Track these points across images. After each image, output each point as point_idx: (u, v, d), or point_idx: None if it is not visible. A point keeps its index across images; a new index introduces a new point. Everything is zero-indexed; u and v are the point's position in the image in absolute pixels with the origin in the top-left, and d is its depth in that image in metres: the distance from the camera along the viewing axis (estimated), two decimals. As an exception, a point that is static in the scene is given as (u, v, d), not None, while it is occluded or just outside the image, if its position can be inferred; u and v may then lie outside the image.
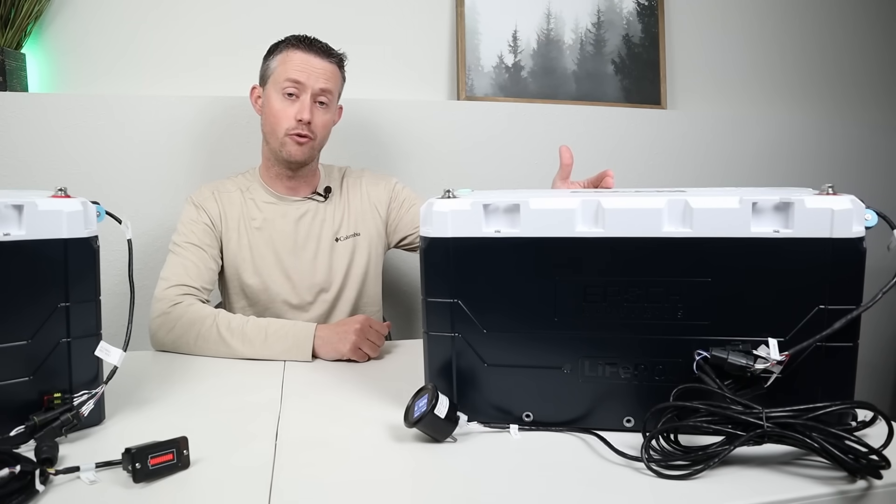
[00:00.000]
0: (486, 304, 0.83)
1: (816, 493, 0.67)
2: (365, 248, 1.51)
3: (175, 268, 1.34)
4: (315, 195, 1.49)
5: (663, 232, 0.78)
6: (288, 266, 1.45)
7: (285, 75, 1.36)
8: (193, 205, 1.43)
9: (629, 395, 0.82)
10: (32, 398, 0.80)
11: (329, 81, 1.38)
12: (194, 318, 1.24)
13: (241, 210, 1.44)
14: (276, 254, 1.44)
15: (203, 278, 1.36)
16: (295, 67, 1.36)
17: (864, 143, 2.35)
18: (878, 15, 2.43)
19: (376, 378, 1.08)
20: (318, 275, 1.46)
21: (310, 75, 1.36)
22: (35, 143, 1.65)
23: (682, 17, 2.20)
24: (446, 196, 0.85)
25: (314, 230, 1.47)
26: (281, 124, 1.37)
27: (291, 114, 1.36)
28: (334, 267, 1.48)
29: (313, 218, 1.47)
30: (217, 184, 1.48)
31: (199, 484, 0.71)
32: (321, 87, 1.37)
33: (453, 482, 0.72)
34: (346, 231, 1.49)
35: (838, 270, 0.75)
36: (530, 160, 2.00)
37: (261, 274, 1.43)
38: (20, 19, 1.63)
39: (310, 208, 1.47)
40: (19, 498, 0.65)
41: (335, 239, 1.48)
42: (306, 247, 1.46)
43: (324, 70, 1.38)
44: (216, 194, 1.45)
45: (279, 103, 1.37)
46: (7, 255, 0.78)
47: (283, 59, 1.37)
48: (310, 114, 1.36)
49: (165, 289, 1.30)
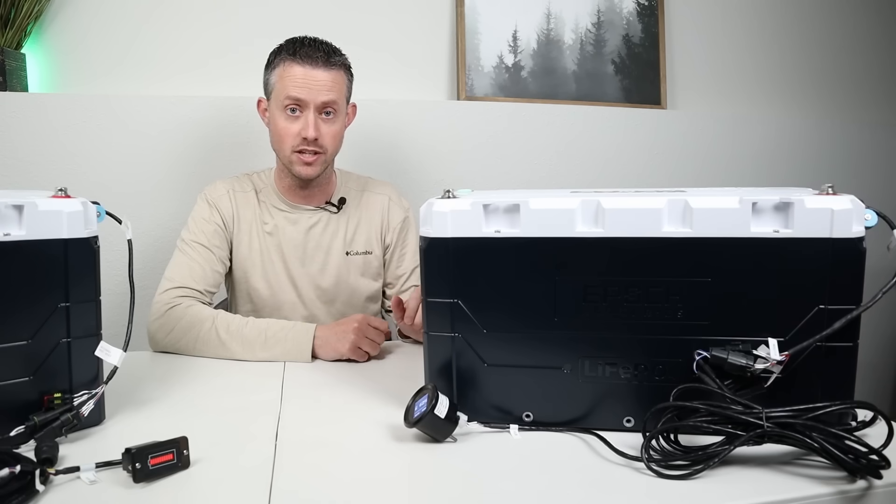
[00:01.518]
0: (486, 304, 0.83)
1: (816, 493, 0.67)
2: (375, 268, 1.47)
3: (179, 268, 1.32)
4: (328, 205, 1.43)
5: (663, 232, 0.78)
6: (295, 275, 1.42)
7: (285, 93, 1.29)
8: (207, 202, 1.39)
9: (629, 395, 0.82)
10: (32, 398, 0.80)
11: (332, 92, 1.30)
12: (193, 321, 1.22)
13: (255, 213, 1.41)
14: (285, 261, 1.41)
15: (207, 280, 1.33)
16: (295, 84, 1.28)
17: (864, 143, 2.35)
18: (879, 15, 2.43)
19: (376, 378, 1.08)
20: (325, 286, 1.43)
21: (311, 90, 1.28)
22: (35, 143, 1.65)
23: (682, 17, 2.20)
24: (446, 196, 0.85)
25: (324, 241, 1.43)
26: (286, 142, 1.32)
27: (296, 130, 1.30)
28: (342, 280, 1.44)
29: (324, 229, 1.43)
30: (233, 181, 1.44)
31: (199, 484, 0.71)
32: (324, 101, 1.29)
33: (453, 482, 0.72)
34: (358, 246, 1.45)
35: (838, 270, 0.75)
36: (530, 160, 2.00)
37: (268, 279, 1.41)
38: (20, 19, 1.63)
39: (321, 218, 1.43)
40: (19, 498, 0.65)
41: (346, 252, 1.44)
42: (315, 257, 1.42)
43: (325, 81, 1.29)
44: (231, 193, 1.41)
45: (283, 121, 1.31)
46: (7, 255, 0.78)
47: (282, 73, 1.30)
48: (315, 130, 1.29)
49: (165, 290, 1.29)
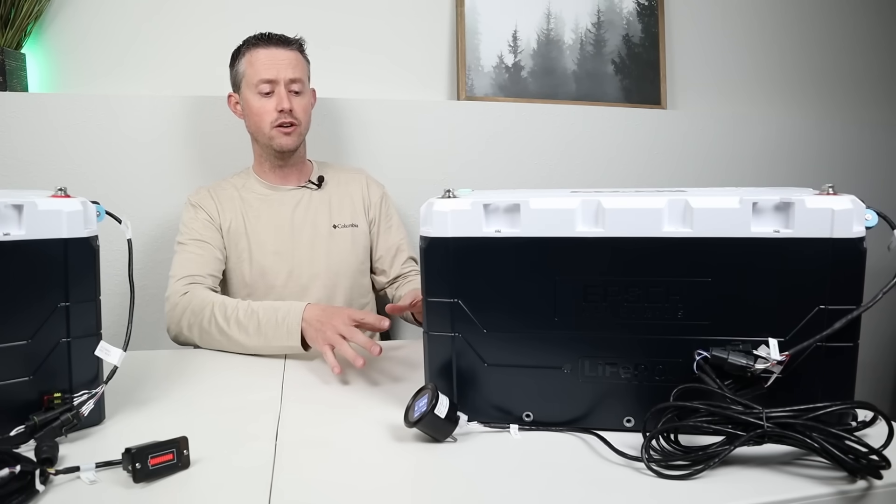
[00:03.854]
0: (486, 303, 0.83)
1: (816, 493, 0.67)
2: (363, 239, 1.56)
3: (181, 264, 1.39)
4: (309, 184, 1.55)
5: (663, 232, 0.78)
6: (285, 252, 1.49)
7: (257, 76, 1.43)
8: (191, 205, 1.49)
9: (629, 395, 0.82)
10: (32, 398, 0.80)
11: (297, 69, 1.45)
12: (197, 310, 1.26)
13: (238, 203, 1.50)
14: (274, 241, 1.49)
15: (209, 266, 1.40)
16: (263, 66, 1.42)
17: (864, 143, 2.34)
18: (879, 15, 2.42)
19: (376, 378, 1.08)
20: (316, 261, 1.50)
21: (279, 69, 1.43)
22: (35, 143, 1.65)
23: (682, 17, 2.20)
24: (446, 196, 0.85)
25: (309, 217, 1.51)
26: (265, 120, 1.44)
27: (272, 107, 1.43)
28: (332, 253, 1.51)
29: (308, 205, 1.52)
30: (212, 184, 1.54)
31: (199, 484, 0.71)
32: (291, 77, 1.44)
33: (453, 482, 0.72)
34: (343, 220, 1.54)
35: (838, 270, 0.75)
36: (530, 160, 2.00)
37: (260, 262, 1.47)
38: (20, 19, 1.63)
39: (304, 196, 1.53)
40: (19, 498, 0.65)
41: (332, 226, 1.53)
42: (303, 232, 1.50)
43: (289, 59, 1.44)
44: (212, 192, 1.50)
45: (258, 102, 1.44)
46: (7, 255, 0.78)
47: (250, 60, 1.44)
48: (289, 102, 1.43)
49: (172, 284, 1.35)
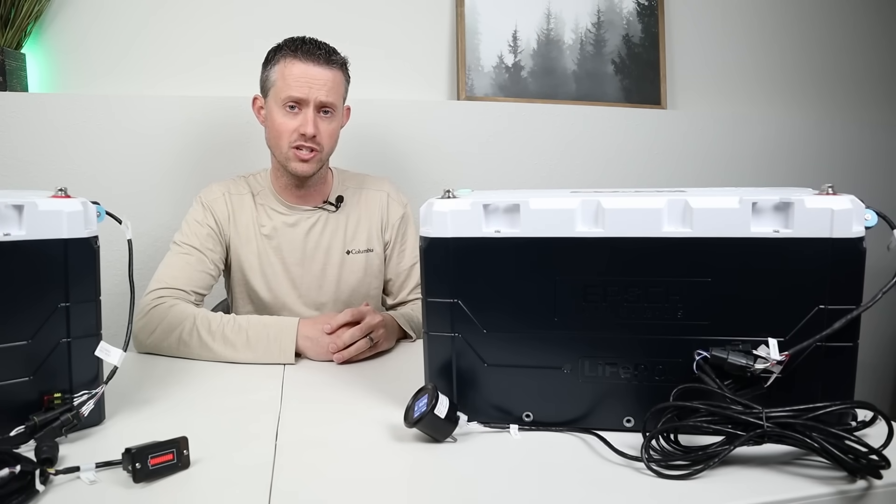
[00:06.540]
0: (486, 304, 0.83)
1: (816, 493, 0.67)
2: (377, 262, 1.47)
3: (168, 269, 1.31)
4: (326, 205, 1.43)
5: (663, 232, 0.78)
6: (295, 276, 1.42)
7: (286, 91, 1.30)
8: (202, 204, 1.39)
9: (629, 395, 0.82)
10: (32, 398, 0.80)
11: (331, 92, 1.32)
12: (174, 321, 1.19)
13: (252, 215, 1.40)
14: (284, 263, 1.41)
15: (195, 282, 1.31)
16: (295, 82, 1.29)
17: (864, 143, 2.35)
18: (879, 15, 2.42)
19: (376, 378, 1.08)
20: (326, 287, 1.43)
21: (311, 88, 1.29)
22: (35, 143, 1.65)
23: (682, 17, 2.20)
24: (446, 196, 0.85)
25: (323, 241, 1.42)
26: (284, 138, 1.32)
27: (294, 126, 1.31)
28: (343, 280, 1.44)
29: (323, 228, 1.43)
30: (229, 183, 1.43)
31: (199, 484, 0.71)
32: (322, 100, 1.31)
33: (453, 482, 0.72)
34: (358, 245, 1.45)
35: (838, 270, 0.75)
36: (530, 160, 2.00)
37: (268, 281, 1.41)
38: (20, 19, 1.63)
39: (320, 218, 1.43)
40: (19, 498, 0.65)
41: (346, 251, 1.44)
42: (315, 258, 1.42)
43: (325, 80, 1.30)
44: (227, 196, 1.40)
45: (281, 117, 1.31)
46: (7, 255, 0.78)
47: (282, 71, 1.31)
48: (314, 127, 1.30)
49: (150, 291, 1.26)
